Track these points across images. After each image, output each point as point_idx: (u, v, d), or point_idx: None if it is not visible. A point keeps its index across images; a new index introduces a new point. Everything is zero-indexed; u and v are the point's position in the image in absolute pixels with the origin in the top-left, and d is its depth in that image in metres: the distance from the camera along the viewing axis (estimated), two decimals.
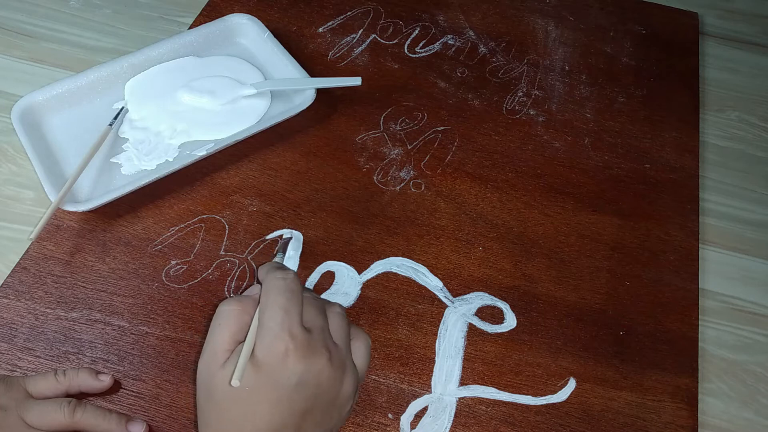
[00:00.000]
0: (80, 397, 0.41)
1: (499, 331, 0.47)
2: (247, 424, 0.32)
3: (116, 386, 0.43)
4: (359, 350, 0.37)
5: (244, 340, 0.34)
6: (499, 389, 0.45)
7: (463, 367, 0.45)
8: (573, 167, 0.57)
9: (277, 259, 0.46)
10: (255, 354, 0.33)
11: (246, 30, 0.62)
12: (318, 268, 0.49)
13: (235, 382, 0.31)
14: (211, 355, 0.34)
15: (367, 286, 0.49)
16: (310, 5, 0.68)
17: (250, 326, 0.34)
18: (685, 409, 0.44)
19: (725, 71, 0.68)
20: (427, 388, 0.44)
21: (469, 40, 0.66)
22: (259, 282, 0.37)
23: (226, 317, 0.34)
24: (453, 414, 0.44)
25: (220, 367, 0.33)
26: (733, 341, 0.50)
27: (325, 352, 0.33)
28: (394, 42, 0.65)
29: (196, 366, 0.35)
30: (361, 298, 0.48)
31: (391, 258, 0.50)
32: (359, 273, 0.49)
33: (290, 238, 0.50)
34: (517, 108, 0.61)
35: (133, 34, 0.66)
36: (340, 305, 0.37)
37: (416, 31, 0.67)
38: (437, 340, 0.46)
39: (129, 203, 0.51)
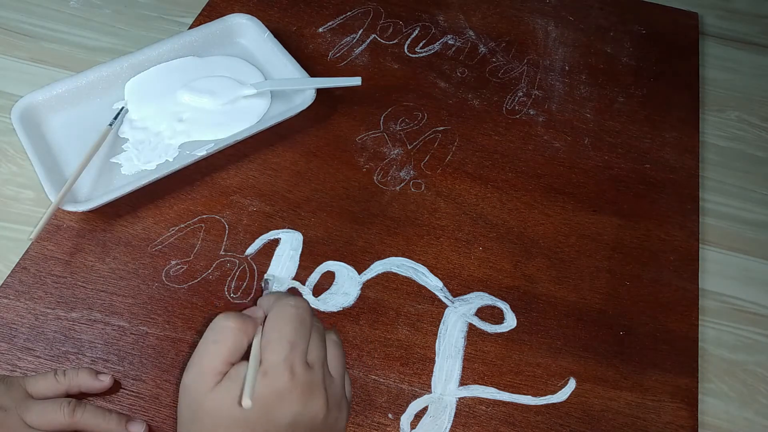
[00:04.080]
0: (80, 397, 0.41)
1: (499, 331, 0.47)
2: None
3: (116, 386, 0.43)
4: (347, 383, 0.36)
5: (236, 363, 0.32)
6: (499, 389, 0.45)
7: (463, 367, 0.45)
8: (573, 167, 0.57)
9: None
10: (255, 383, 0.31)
11: (246, 30, 0.62)
12: (318, 268, 0.49)
13: (246, 402, 0.30)
14: (200, 375, 0.32)
15: (367, 286, 0.49)
16: (310, 5, 0.68)
17: (246, 349, 0.33)
18: (685, 409, 0.44)
19: (725, 71, 0.68)
20: (427, 388, 0.44)
21: (469, 40, 0.66)
22: (256, 305, 0.36)
23: (223, 335, 0.32)
24: (453, 414, 0.43)
25: (210, 390, 0.31)
26: (733, 341, 0.50)
27: (323, 394, 0.32)
28: (394, 42, 0.65)
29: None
30: (361, 298, 0.48)
31: (391, 258, 0.50)
32: (359, 273, 0.49)
33: (269, 279, 0.48)
34: (517, 108, 0.61)
35: (133, 34, 0.66)
36: (337, 333, 0.36)
37: (416, 31, 0.67)
38: (437, 340, 0.46)
39: (129, 203, 0.51)
